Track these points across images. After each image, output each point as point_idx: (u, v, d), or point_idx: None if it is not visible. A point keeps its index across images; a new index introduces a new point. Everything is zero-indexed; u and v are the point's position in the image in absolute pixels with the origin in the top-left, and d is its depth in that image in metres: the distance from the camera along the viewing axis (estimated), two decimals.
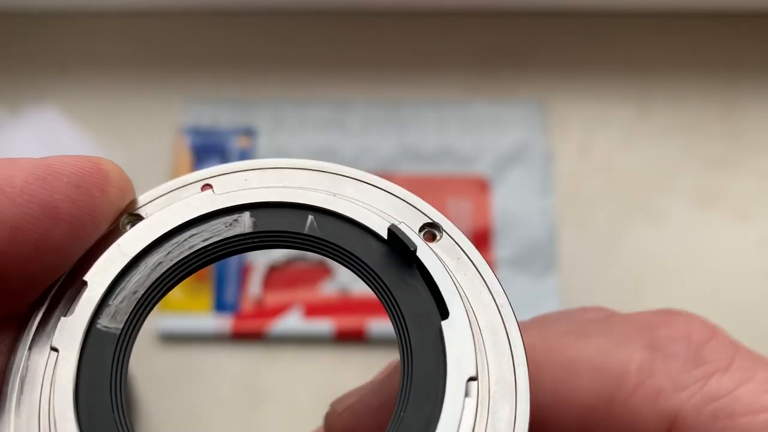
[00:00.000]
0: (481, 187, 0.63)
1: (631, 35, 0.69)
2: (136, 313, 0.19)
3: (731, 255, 0.62)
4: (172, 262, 0.19)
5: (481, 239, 0.61)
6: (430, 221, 0.20)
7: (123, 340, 0.19)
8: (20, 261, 0.18)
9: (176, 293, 0.60)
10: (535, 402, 0.18)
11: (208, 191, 0.20)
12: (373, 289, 0.19)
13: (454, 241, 0.20)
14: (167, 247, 0.20)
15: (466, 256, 0.20)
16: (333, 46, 0.69)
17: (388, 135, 0.65)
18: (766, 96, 0.67)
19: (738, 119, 0.66)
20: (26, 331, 0.19)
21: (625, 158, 0.65)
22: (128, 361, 0.19)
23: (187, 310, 0.59)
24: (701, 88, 0.67)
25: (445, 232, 0.20)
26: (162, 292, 0.20)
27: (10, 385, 0.18)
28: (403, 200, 0.20)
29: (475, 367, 0.17)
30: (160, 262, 0.19)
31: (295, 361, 0.58)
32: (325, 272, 0.60)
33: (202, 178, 0.21)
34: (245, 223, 0.20)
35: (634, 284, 0.61)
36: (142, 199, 0.21)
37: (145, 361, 0.58)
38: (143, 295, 0.19)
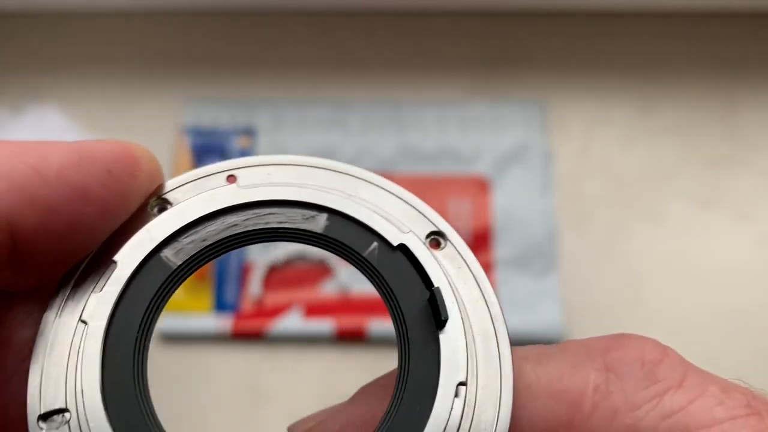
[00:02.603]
0: (481, 187, 0.63)
1: (631, 35, 0.69)
2: (196, 258, 0.20)
3: (731, 255, 0.62)
4: (246, 229, 0.21)
5: (481, 239, 0.61)
6: (437, 230, 0.21)
7: (175, 276, 0.20)
8: (53, 239, 0.19)
9: (176, 293, 0.60)
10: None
11: (233, 185, 0.21)
12: (384, 298, 0.20)
13: (457, 250, 0.21)
14: (247, 214, 0.21)
15: (467, 266, 0.21)
16: (333, 47, 0.69)
17: (388, 135, 0.65)
18: (766, 96, 0.67)
19: (738, 119, 0.66)
20: (56, 303, 0.20)
21: (625, 158, 0.65)
22: (167, 300, 0.20)
23: (188, 310, 0.59)
24: (701, 88, 0.67)
25: (450, 241, 0.21)
26: (226, 249, 0.21)
27: (39, 352, 0.19)
28: (414, 207, 0.21)
29: (465, 374, 0.19)
30: (236, 224, 0.21)
31: (295, 361, 0.59)
32: (325, 272, 0.60)
33: (227, 168, 0.21)
34: (320, 223, 0.21)
35: (634, 284, 0.61)
36: (169, 184, 0.21)
37: None
38: (210, 245, 0.20)
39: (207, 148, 0.65)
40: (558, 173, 0.64)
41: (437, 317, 0.19)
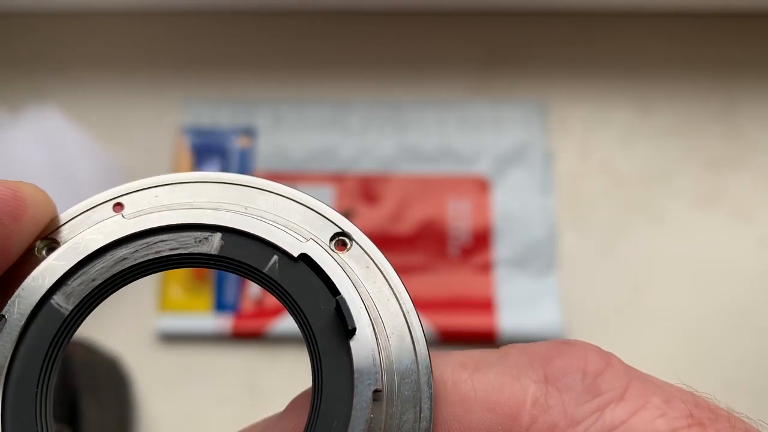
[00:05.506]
0: (481, 187, 0.63)
1: (631, 35, 0.69)
2: (88, 300, 0.19)
3: (731, 255, 0.62)
4: (136, 261, 0.20)
5: (481, 239, 0.61)
6: (341, 230, 0.21)
7: (69, 323, 0.19)
8: None
9: (176, 293, 0.60)
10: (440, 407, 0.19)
11: (119, 214, 0.20)
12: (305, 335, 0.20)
13: (364, 249, 0.20)
14: (136, 245, 0.20)
15: (374, 265, 0.20)
16: (333, 46, 0.69)
17: (388, 135, 0.65)
18: (766, 96, 0.67)
19: (738, 119, 0.66)
20: None
21: (625, 158, 0.65)
22: (65, 348, 0.19)
23: (187, 310, 0.59)
24: (701, 88, 0.67)
25: (355, 241, 0.20)
26: (118, 285, 0.20)
27: None
28: (315, 211, 0.21)
29: (380, 381, 0.19)
30: (125, 258, 0.20)
31: (295, 361, 0.59)
32: None
33: (114, 197, 0.21)
34: (214, 244, 0.20)
35: (634, 284, 0.61)
36: (60, 219, 0.21)
37: (145, 361, 0.58)
38: (100, 284, 0.19)
39: (207, 148, 0.65)
40: (558, 173, 0.64)
41: (345, 327, 0.19)
